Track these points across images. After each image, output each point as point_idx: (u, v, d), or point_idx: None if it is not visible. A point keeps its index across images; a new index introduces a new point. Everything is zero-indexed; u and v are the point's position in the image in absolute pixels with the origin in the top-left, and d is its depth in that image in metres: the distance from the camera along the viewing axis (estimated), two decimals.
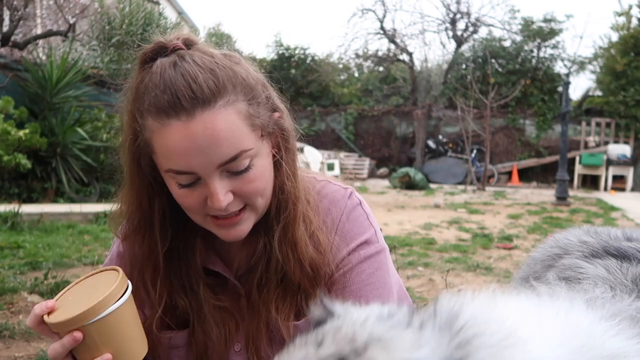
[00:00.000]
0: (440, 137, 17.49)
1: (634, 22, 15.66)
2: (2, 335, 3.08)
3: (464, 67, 18.64)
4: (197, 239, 1.25)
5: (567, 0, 29.31)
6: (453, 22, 20.39)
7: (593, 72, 18.06)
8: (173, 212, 1.20)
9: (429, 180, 14.94)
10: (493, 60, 17.12)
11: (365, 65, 22.22)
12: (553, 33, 17.48)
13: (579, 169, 15.14)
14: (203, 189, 1.09)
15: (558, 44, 17.62)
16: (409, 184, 13.60)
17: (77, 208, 6.91)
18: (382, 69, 21.61)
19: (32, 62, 8.97)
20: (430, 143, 17.21)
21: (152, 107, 1.05)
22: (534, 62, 17.56)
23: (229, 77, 1.08)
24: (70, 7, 11.43)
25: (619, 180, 14.88)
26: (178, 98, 1.03)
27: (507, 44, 18.33)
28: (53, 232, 5.90)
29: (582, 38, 37.70)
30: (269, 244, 1.21)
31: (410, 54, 20.37)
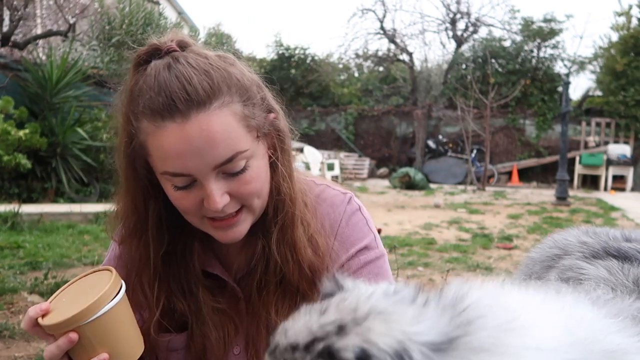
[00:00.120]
0: (440, 137, 17.49)
1: (634, 22, 15.67)
2: (2, 335, 3.08)
3: (464, 67, 18.64)
4: (195, 242, 1.25)
5: (567, 0, 29.33)
6: (453, 22, 20.39)
7: (593, 72, 18.07)
8: (170, 215, 1.20)
9: (429, 180, 14.94)
10: (493, 60, 17.13)
11: (365, 65, 22.22)
12: (553, 33, 17.48)
13: (579, 169, 15.14)
14: (199, 191, 1.09)
15: (558, 44, 17.64)
16: (409, 184, 13.60)
17: (77, 208, 6.91)
18: (382, 69, 21.61)
19: (32, 62, 8.97)
20: (430, 143, 17.21)
21: (146, 109, 1.05)
22: (534, 62, 17.56)
23: (224, 78, 1.08)
24: (70, 7, 11.43)
25: (619, 180, 14.88)
26: (173, 100, 1.03)
27: (507, 44, 18.33)
28: (53, 232, 5.90)
29: (582, 38, 37.73)
30: (267, 246, 1.21)
31: (410, 54, 20.38)
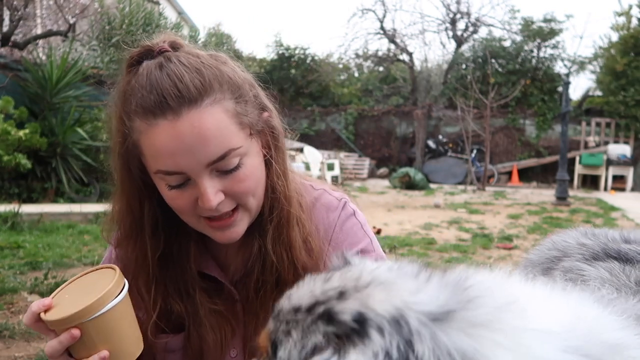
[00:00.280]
0: (440, 137, 17.48)
1: (634, 22, 15.66)
2: (2, 335, 3.08)
3: (464, 67, 18.63)
4: (191, 244, 1.24)
5: (567, 0, 29.34)
6: (453, 22, 20.39)
7: (593, 72, 18.07)
8: (165, 216, 1.19)
9: (429, 180, 14.94)
10: (493, 60, 17.12)
11: (365, 65, 22.22)
12: (553, 33, 17.48)
13: (579, 169, 15.14)
14: (193, 190, 1.08)
15: (558, 44, 17.63)
16: (409, 184, 13.60)
17: (77, 208, 6.92)
18: (382, 69, 21.61)
19: (32, 62, 8.97)
20: (430, 143, 17.20)
21: (139, 108, 1.05)
22: (534, 62, 17.56)
23: (215, 75, 1.08)
24: (70, 7, 11.43)
25: (619, 180, 14.88)
26: (164, 97, 1.03)
27: (507, 44, 18.32)
28: (53, 232, 5.90)
29: (582, 38, 37.76)
30: (264, 246, 1.21)
31: (410, 54, 20.38)
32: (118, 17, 10.79)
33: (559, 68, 17.84)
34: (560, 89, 14.78)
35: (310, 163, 11.94)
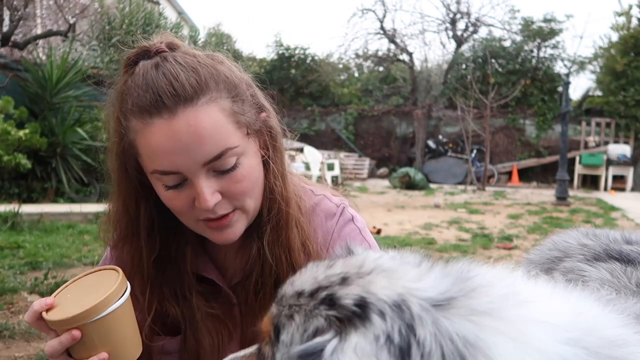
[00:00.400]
0: (440, 137, 17.48)
1: (634, 22, 15.66)
2: (2, 335, 3.08)
3: (464, 67, 18.63)
4: (188, 246, 1.23)
5: (567, 0, 29.34)
6: (453, 22, 20.39)
7: (593, 72, 18.07)
8: (163, 218, 1.18)
9: (429, 180, 14.94)
10: (493, 60, 17.12)
11: (365, 65, 22.22)
12: (553, 33, 17.48)
13: (579, 169, 15.14)
14: (190, 190, 1.07)
15: (558, 44, 17.63)
16: (409, 184, 13.60)
17: (77, 208, 6.91)
18: (382, 69, 21.61)
19: (32, 62, 8.97)
20: (430, 143, 17.20)
21: (135, 107, 1.05)
22: (534, 62, 17.56)
23: (212, 74, 1.07)
24: (70, 7, 11.43)
25: (619, 180, 14.88)
26: (160, 96, 1.02)
27: (507, 44, 18.33)
28: (53, 232, 5.90)
29: (582, 38, 37.75)
30: (262, 248, 1.20)
31: (410, 54, 20.38)
32: (118, 17, 10.80)
33: (559, 68, 17.86)
34: (560, 89, 14.78)
35: (310, 163, 11.94)
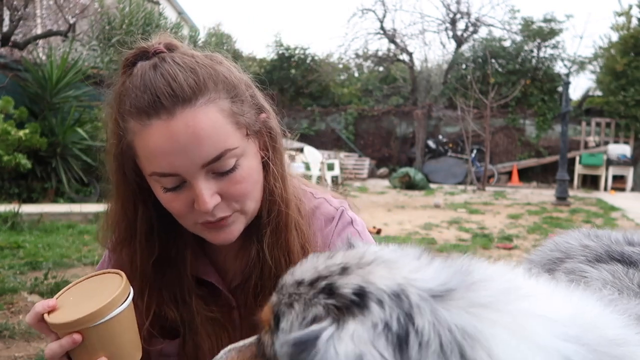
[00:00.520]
0: (440, 137, 17.48)
1: (634, 22, 15.66)
2: (2, 335, 3.08)
3: (464, 67, 18.63)
4: (188, 250, 1.22)
5: (567, 0, 29.34)
6: (453, 22, 20.39)
7: (593, 72, 18.07)
8: (162, 221, 1.17)
9: (429, 180, 14.94)
10: (493, 60, 17.12)
11: (365, 65, 22.22)
12: (553, 33, 17.47)
13: (579, 169, 15.13)
14: (189, 192, 1.06)
15: (558, 44, 17.63)
16: (409, 184, 13.60)
17: (77, 208, 6.91)
18: (382, 69, 21.61)
19: (32, 62, 8.96)
20: (430, 143, 17.20)
21: (133, 108, 1.04)
22: (534, 62, 17.55)
23: (210, 75, 1.06)
24: (70, 7, 11.43)
25: (619, 180, 14.88)
26: (158, 97, 1.01)
27: (507, 44, 18.32)
28: (53, 232, 5.89)
29: (582, 38, 37.72)
30: (261, 250, 1.18)
31: (410, 54, 20.37)
32: (118, 17, 10.80)
33: (559, 68, 17.86)
34: (560, 89, 14.77)
35: (310, 163, 11.93)
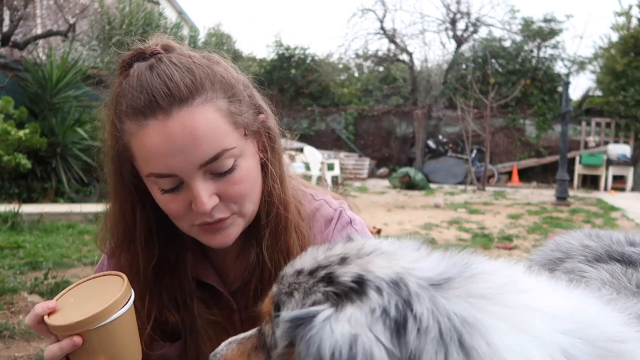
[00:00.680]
0: (440, 137, 17.48)
1: (634, 22, 15.66)
2: (2, 335, 3.07)
3: (464, 67, 18.63)
4: (188, 253, 1.21)
5: (567, 0, 29.35)
6: (453, 22, 20.39)
7: (593, 72, 18.07)
8: (161, 224, 1.16)
9: (429, 180, 14.94)
10: (493, 60, 17.12)
11: (365, 65, 22.22)
12: (553, 33, 17.48)
13: (579, 169, 15.13)
14: (187, 193, 1.05)
15: (558, 44, 17.63)
16: (409, 184, 13.59)
17: (77, 208, 6.91)
18: (382, 69, 21.61)
19: (32, 62, 8.97)
20: (430, 143, 17.20)
21: (129, 109, 1.03)
22: (534, 62, 17.55)
23: (207, 75, 1.05)
24: (70, 7, 11.43)
25: (619, 180, 14.88)
26: (154, 97, 1.00)
27: (507, 44, 18.33)
28: (53, 232, 5.89)
29: (582, 38, 37.80)
30: (261, 253, 1.17)
31: (410, 54, 20.38)
32: (118, 17, 10.80)
33: (559, 68, 17.87)
34: (560, 89, 14.77)
35: (310, 163, 11.92)
